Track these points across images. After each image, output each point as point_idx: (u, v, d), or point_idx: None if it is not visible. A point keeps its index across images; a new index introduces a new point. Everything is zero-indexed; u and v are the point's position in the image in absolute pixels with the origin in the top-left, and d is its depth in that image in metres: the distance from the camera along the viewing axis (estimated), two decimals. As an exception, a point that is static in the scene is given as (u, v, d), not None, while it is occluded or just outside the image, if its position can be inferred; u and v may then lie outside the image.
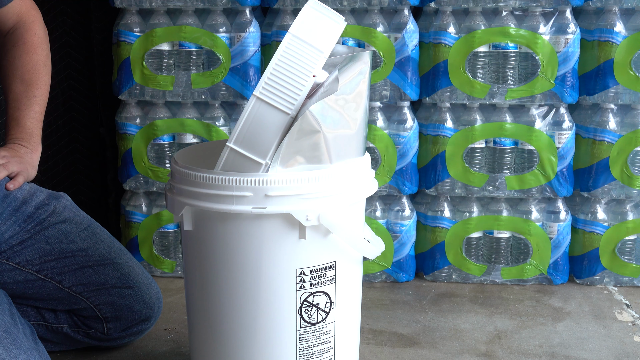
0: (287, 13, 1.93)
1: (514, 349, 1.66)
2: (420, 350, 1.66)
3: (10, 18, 1.58)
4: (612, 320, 1.80)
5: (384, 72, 1.91)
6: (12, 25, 1.59)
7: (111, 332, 1.61)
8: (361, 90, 1.25)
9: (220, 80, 1.93)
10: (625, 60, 1.87)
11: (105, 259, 1.58)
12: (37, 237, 1.54)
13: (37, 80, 1.59)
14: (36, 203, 1.55)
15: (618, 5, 1.86)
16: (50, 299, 1.58)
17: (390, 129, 1.95)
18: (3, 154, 1.51)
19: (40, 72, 1.60)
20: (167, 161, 1.99)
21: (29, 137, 1.57)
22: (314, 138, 1.20)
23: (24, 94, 1.58)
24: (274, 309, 1.26)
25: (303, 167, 1.23)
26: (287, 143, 1.19)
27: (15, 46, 1.59)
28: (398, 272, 2.01)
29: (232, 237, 1.24)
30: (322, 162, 1.23)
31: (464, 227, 1.98)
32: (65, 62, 2.18)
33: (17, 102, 1.57)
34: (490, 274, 2.00)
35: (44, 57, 1.61)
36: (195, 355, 1.38)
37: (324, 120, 1.19)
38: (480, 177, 1.95)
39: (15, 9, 1.58)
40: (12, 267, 1.53)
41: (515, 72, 1.90)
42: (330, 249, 1.26)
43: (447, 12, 1.91)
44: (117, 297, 1.58)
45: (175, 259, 2.05)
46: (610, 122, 1.91)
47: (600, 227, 1.96)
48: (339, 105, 1.21)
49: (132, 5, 1.92)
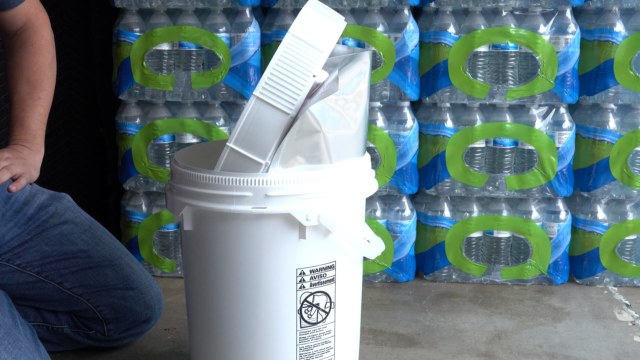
0: (287, 13, 1.93)
1: (514, 349, 1.66)
2: (420, 350, 1.66)
3: (19, 19, 1.58)
4: (612, 320, 1.80)
5: (384, 72, 1.91)
6: (20, 27, 1.59)
7: (111, 333, 1.60)
8: (361, 90, 1.25)
9: (220, 80, 1.93)
10: (625, 60, 1.87)
11: (106, 260, 1.57)
12: (38, 238, 1.54)
13: (43, 82, 1.59)
14: (37, 204, 1.55)
15: (618, 5, 1.86)
16: (51, 301, 1.58)
17: (390, 129, 1.95)
18: (6, 156, 1.51)
19: (46, 74, 1.60)
20: (167, 161, 1.99)
21: (32, 139, 1.56)
22: (314, 138, 1.20)
23: (29, 95, 1.58)
24: (274, 309, 1.26)
25: (303, 167, 1.23)
26: (287, 143, 1.19)
27: (22, 47, 1.59)
28: (398, 272, 2.01)
29: (232, 237, 1.24)
30: (322, 162, 1.23)
31: (464, 227, 1.98)
32: (65, 62, 2.18)
33: (21, 103, 1.57)
34: (490, 274, 2.00)
35: (50, 60, 1.61)
36: (195, 355, 1.38)
37: (324, 120, 1.19)
38: (480, 177, 1.95)
39: (24, 11, 1.58)
40: (13, 268, 1.53)
41: (515, 72, 1.90)
42: (330, 249, 1.26)
43: (447, 12, 1.91)
44: (118, 299, 1.58)
45: (175, 259, 2.05)
46: (610, 122, 1.91)
47: (600, 227, 1.96)
48: (339, 105, 1.21)
49: (132, 5, 1.92)
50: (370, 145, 1.93)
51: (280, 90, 1.19)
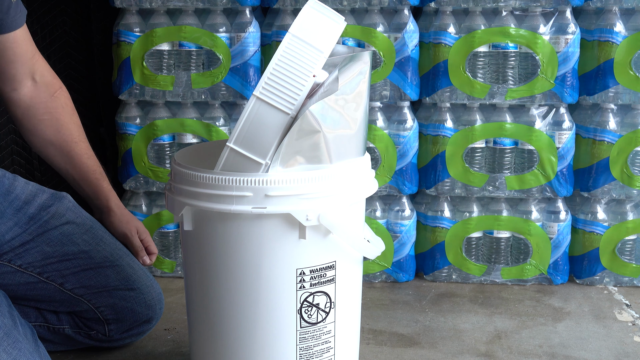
0: (287, 13, 1.93)
1: (514, 349, 1.66)
2: (420, 350, 1.66)
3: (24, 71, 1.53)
4: (612, 320, 1.80)
5: (384, 72, 1.91)
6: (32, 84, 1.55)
7: (112, 333, 1.61)
8: (361, 90, 1.25)
9: (220, 80, 1.93)
10: (625, 60, 1.87)
11: (107, 261, 1.57)
12: (39, 239, 1.54)
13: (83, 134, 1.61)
14: (39, 204, 1.55)
15: (618, 5, 1.87)
16: (52, 301, 1.58)
17: (390, 129, 1.95)
18: (144, 237, 1.61)
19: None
20: (167, 161, 1.99)
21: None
22: (314, 138, 1.20)
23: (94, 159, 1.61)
24: (274, 309, 1.26)
25: (303, 167, 1.23)
26: (287, 143, 1.19)
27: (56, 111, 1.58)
28: (398, 272, 2.01)
29: (232, 237, 1.24)
30: (322, 162, 1.23)
31: (464, 227, 1.98)
32: (65, 62, 2.18)
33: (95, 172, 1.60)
34: (490, 274, 2.00)
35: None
36: (195, 355, 1.38)
37: (324, 120, 1.19)
38: (480, 177, 1.95)
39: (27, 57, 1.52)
40: (14, 269, 1.53)
41: (515, 72, 1.90)
42: (330, 249, 1.26)
43: (447, 12, 1.91)
44: (119, 299, 1.58)
45: (175, 259, 2.05)
46: (610, 122, 1.91)
47: (600, 227, 1.96)
48: (339, 105, 1.21)
49: (132, 5, 1.92)
50: (370, 145, 1.93)
51: (280, 90, 1.19)
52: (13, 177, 1.56)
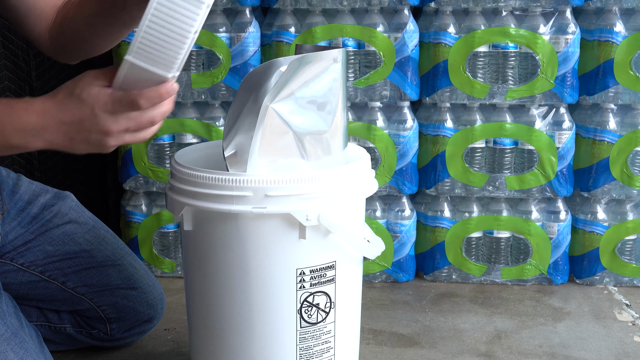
0: (287, 13, 1.93)
1: (514, 349, 1.66)
2: (420, 350, 1.66)
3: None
4: (612, 320, 1.80)
5: (384, 72, 1.91)
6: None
7: (114, 332, 1.61)
8: (333, 87, 1.26)
9: (220, 80, 1.93)
10: (625, 60, 1.87)
11: (109, 260, 1.58)
12: (41, 238, 1.54)
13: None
14: (41, 204, 1.55)
15: (618, 5, 1.87)
16: (54, 300, 1.58)
17: (390, 129, 1.95)
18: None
19: None
20: (167, 161, 1.99)
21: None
22: (285, 138, 1.22)
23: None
24: (274, 309, 1.26)
25: (283, 162, 1.23)
26: (260, 144, 1.20)
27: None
28: (398, 272, 2.01)
29: (232, 237, 1.24)
30: (300, 159, 1.25)
31: (464, 227, 1.98)
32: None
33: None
34: (490, 274, 2.00)
35: None
36: (195, 355, 1.38)
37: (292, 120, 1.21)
38: (480, 177, 1.95)
39: None
40: (16, 267, 1.53)
41: (515, 72, 1.90)
42: (330, 249, 1.26)
43: (447, 12, 1.91)
44: (121, 298, 1.58)
45: (175, 259, 2.05)
46: (610, 122, 1.91)
47: (600, 227, 1.96)
48: (307, 104, 1.22)
49: (132, 6, 1.92)
50: (370, 145, 1.93)
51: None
52: (17, 177, 1.56)
